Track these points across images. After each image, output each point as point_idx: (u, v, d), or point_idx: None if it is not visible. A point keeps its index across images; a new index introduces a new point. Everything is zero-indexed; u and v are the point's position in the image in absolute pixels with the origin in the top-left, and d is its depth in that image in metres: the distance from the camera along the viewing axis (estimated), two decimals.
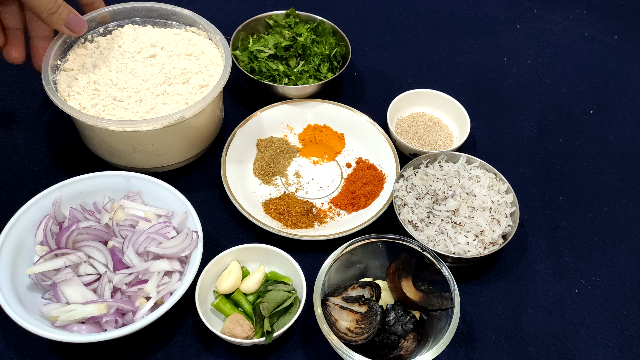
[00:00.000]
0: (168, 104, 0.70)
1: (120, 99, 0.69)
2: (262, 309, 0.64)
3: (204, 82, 0.73)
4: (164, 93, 0.71)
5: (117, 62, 0.73)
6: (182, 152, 0.76)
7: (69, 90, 0.69)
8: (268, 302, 0.64)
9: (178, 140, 0.73)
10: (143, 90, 0.70)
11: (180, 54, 0.76)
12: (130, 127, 0.65)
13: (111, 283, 0.62)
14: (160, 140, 0.71)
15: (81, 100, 0.69)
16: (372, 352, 0.61)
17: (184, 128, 0.71)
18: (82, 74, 0.71)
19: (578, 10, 1.21)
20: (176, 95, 0.71)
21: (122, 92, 0.70)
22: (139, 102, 0.69)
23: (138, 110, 0.69)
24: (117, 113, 0.68)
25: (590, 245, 0.80)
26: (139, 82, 0.71)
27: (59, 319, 0.59)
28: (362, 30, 1.10)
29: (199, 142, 0.78)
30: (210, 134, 0.80)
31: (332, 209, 0.80)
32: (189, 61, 0.75)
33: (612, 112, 1.00)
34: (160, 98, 0.71)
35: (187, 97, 0.71)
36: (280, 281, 0.68)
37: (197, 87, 0.72)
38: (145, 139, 0.69)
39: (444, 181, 0.76)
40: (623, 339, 0.70)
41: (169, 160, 0.76)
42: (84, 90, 0.70)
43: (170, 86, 0.72)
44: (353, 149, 0.89)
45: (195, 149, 0.79)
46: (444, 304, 0.62)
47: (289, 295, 0.66)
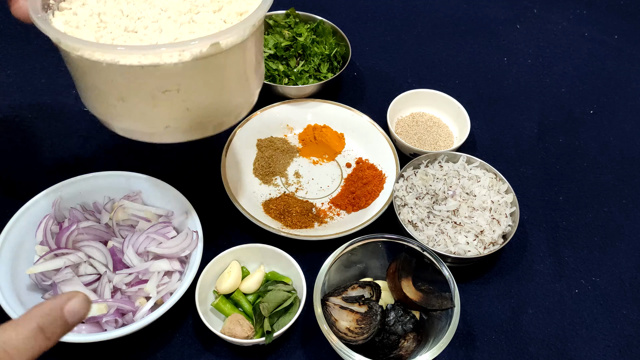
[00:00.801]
0: (197, 33, 0.52)
1: (134, 30, 0.52)
2: (262, 309, 0.64)
3: (241, 9, 0.55)
4: (191, 22, 0.54)
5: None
6: (219, 106, 0.56)
7: (66, 27, 0.52)
8: (268, 302, 0.64)
9: (214, 84, 0.54)
10: (163, 19, 0.53)
11: None
12: (148, 57, 0.47)
13: (111, 283, 0.62)
14: (189, 83, 0.51)
15: (82, 35, 0.52)
16: (372, 352, 0.61)
17: (220, 68, 0.53)
18: (84, 8, 0.55)
19: (578, 10, 1.21)
20: (207, 23, 0.54)
21: (135, 22, 0.53)
22: (159, 32, 0.52)
23: (158, 41, 0.51)
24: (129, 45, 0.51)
25: (590, 245, 0.80)
26: (157, 12, 0.54)
27: None
28: (362, 30, 1.10)
29: (241, 92, 0.58)
30: (256, 82, 0.61)
31: (332, 209, 0.80)
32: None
33: (612, 112, 1.00)
34: (187, 27, 0.53)
35: (221, 27, 0.54)
36: (280, 281, 0.68)
37: (233, 15, 0.55)
38: (169, 80, 0.50)
39: (444, 181, 0.77)
40: (623, 339, 0.70)
41: (200, 118, 0.55)
42: (85, 25, 0.52)
43: (197, 15, 0.54)
44: (353, 149, 0.89)
45: (236, 105, 0.59)
46: (444, 304, 0.62)
47: (289, 295, 0.66)
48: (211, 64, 0.51)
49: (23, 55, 0.94)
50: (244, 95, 0.59)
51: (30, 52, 0.76)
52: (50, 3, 0.54)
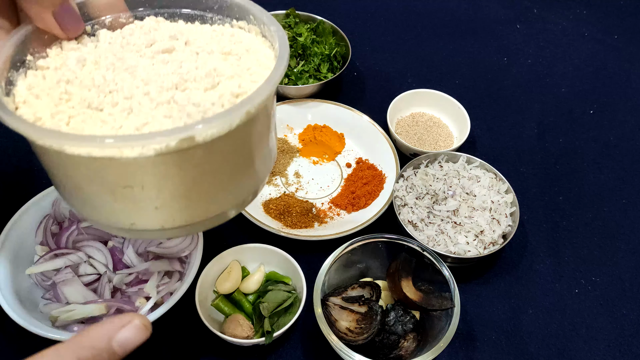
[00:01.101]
0: (173, 118, 0.39)
1: (99, 107, 0.41)
2: (262, 309, 0.64)
3: (239, 90, 0.42)
4: (171, 102, 0.41)
5: (113, 56, 0.45)
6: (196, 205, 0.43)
7: (27, 94, 0.42)
8: (268, 302, 0.64)
9: (187, 182, 0.41)
10: (139, 95, 0.41)
11: (213, 52, 0.47)
12: (98, 150, 0.36)
13: (111, 283, 0.62)
14: (156, 180, 0.39)
15: (39, 107, 0.41)
16: (372, 352, 0.61)
17: (198, 164, 0.40)
18: (56, 72, 0.44)
19: (578, 10, 1.21)
20: (190, 105, 0.40)
21: (105, 97, 0.41)
22: (128, 112, 0.40)
23: (123, 125, 0.39)
24: (87, 128, 0.39)
25: (590, 245, 0.80)
26: (136, 84, 0.42)
27: (59, 319, 0.59)
28: (362, 30, 1.10)
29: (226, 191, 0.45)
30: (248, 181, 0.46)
31: (332, 209, 0.80)
32: (225, 61, 0.46)
33: (612, 112, 1.00)
34: (163, 108, 0.40)
35: (207, 110, 0.40)
36: (280, 281, 0.68)
37: (227, 97, 0.42)
38: (130, 176, 0.39)
39: (444, 181, 0.77)
40: (623, 339, 0.70)
41: (173, 218, 0.43)
42: (48, 94, 0.42)
43: (183, 92, 0.42)
44: (353, 149, 0.89)
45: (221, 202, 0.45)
46: (444, 304, 0.62)
47: (289, 295, 0.66)
48: (184, 160, 0.39)
49: None
50: (234, 192, 0.45)
51: None
52: (27, 60, 0.44)
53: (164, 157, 0.37)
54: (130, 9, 0.50)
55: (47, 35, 0.45)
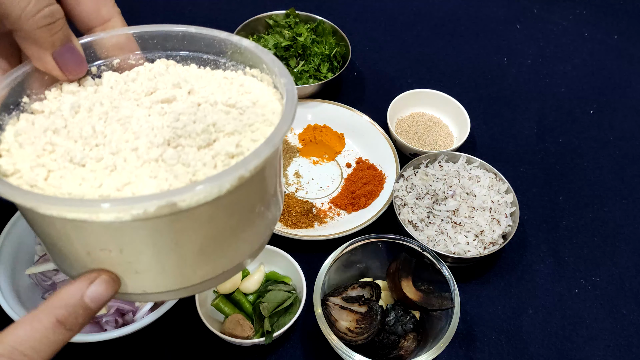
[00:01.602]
0: (159, 179, 0.37)
1: (81, 163, 0.38)
2: (262, 309, 0.64)
3: (236, 150, 0.39)
4: (159, 160, 0.38)
5: (109, 104, 0.42)
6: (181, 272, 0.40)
7: (12, 141, 0.40)
8: (268, 302, 0.64)
9: (168, 247, 0.38)
10: (126, 150, 0.38)
11: (217, 103, 0.43)
12: (69, 212, 0.33)
13: None
14: (134, 246, 0.37)
15: (20, 158, 0.39)
16: (372, 352, 0.61)
17: (180, 231, 0.37)
18: (47, 118, 0.41)
19: (578, 10, 1.21)
20: (179, 165, 0.37)
21: (90, 150, 0.39)
22: (111, 169, 0.37)
23: (103, 184, 0.37)
24: (65, 185, 0.37)
25: (590, 245, 0.80)
26: (126, 138, 0.39)
27: None
28: (362, 30, 1.10)
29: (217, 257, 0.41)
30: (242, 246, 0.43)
31: (332, 209, 0.80)
32: (227, 115, 0.42)
33: (612, 112, 1.00)
34: (150, 167, 0.37)
35: (197, 171, 0.37)
36: (280, 281, 0.68)
37: (221, 157, 0.38)
38: (106, 240, 0.36)
39: (444, 181, 0.77)
40: (623, 339, 0.70)
41: (156, 283, 0.40)
42: (33, 143, 0.39)
43: (175, 149, 0.39)
44: (353, 149, 0.89)
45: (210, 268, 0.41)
46: (444, 304, 0.62)
47: (289, 295, 0.66)
48: (165, 225, 0.36)
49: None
50: (227, 256, 0.42)
51: None
52: (22, 102, 0.41)
53: (143, 222, 0.34)
54: (141, 50, 0.46)
55: (48, 76, 0.42)
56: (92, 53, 0.44)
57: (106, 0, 0.42)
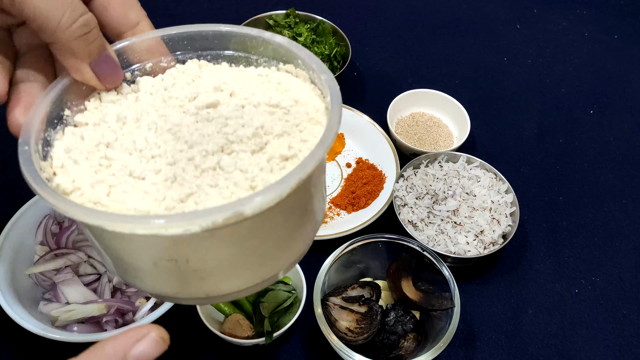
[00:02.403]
0: (220, 188, 0.38)
1: (141, 176, 0.39)
2: (262, 309, 0.64)
3: (289, 152, 0.40)
4: (217, 168, 0.39)
5: (155, 113, 0.42)
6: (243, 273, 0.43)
7: (65, 157, 0.40)
8: (268, 302, 0.64)
9: (233, 253, 0.40)
10: (182, 161, 0.39)
11: (260, 104, 0.44)
12: (141, 229, 0.34)
13: (111, 283, 0.63)
14: (200, 254, 0.39)
15: (77, 175, 0.39)
16: (372, 352, 0.61)
17: (246, 235, 0.39)
18: (95, 131, 0.41)
19: (578, 10, 1.21)
20: (237, 172, 0.38)
21: (147, 163, 0.39)
22: (172, 181, 0.38)
23: (166, 197, 0.37)
24: (128, 199, 0.38)
25: (590, 245, 0.80)
26: (180, 148, 0.40)
27: (59, 319, 0.59)
28: (362, 30, 1.10)
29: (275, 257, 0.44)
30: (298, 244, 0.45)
31: (332, 209, 0.80)
32: (272, 115, 0.43)
33: (612, 112, 1.00)
34: (209, 176, 0.38)
35: (255, 177, 0.38)
36: (280, 281, 0.68)
37: (276, 160, 0.39)
38: (174, 251, 0.38)
39: (444, 181, 0.77)
40: (623, 339, 0.70)
41: (219, 287, 0.42)
42: (87, 158, 0.40)
43: (230, 155, 0.39)
44: (353, 149, 0.89)
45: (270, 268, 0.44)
46: (444, 304, 0.62)
47: (289, 295, 0.66)
48: (231, 233, 0.37)
49: None
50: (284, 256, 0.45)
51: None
52: (64, 115, 0.41)
53: (210, 232, 0.35)
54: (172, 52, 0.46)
55: (85, 87, 0.42)
56: (125, 59, 0.44)
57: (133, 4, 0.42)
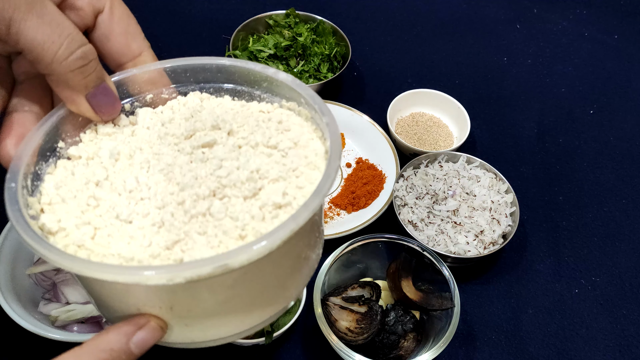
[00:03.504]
0: (208, 236, 0.36)
1: (128, 219, 0.38)
2: None
3: (283, 200, 0.38)
4: (207, 214, 0.37)
5: (149, 150, 0.41)
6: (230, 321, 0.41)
7: (54, 194, 0.38)
8: None
9: (219, 302, 0.39)
10: (172, 204, 0.38)
11: (258, 145, 0.42)
12: (124, 277, 0.33)
13: None
14: (185, 303, 0.38)
15: (64, 215, 0.37)
16: (372, 352, 0.61)
17: (231, 284, 0.37)
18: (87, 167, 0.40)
19: (578, 10, 1.21)
20: (227, 219, 0.37)
21: (136, 205, 0.38)
22: (159, 226, 0.37)
23: (152, 242, 0.36)
24: (113, 244, 0.36)
25: (590, 245, 0.80)
26: (171, 190, 0.39)
27: (58, 319, 0.59)
28: (362, 30, 1.10)
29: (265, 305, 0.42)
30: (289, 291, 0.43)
31: (332, 209, 0.80)
32: (269, 158, 0.42)
33: (612, 112, 1.00)
34: (198, 222, 0.37)
35: (246, 225, 0.37)
36: None
37: (269, 208, 0.38)
38: (157, 299, 0.37)
39: (444, 181, 0.77)
40: (623, 339, 0.70)
41: (204, 334, 0.41)
42: (75, 196, 0.38)
43: (222, 200, 0.38)
44: (353, 149, 0.89)
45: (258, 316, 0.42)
46: (444, 304, 0.62)
47: None
48: (218, 284, 0.37)
49: None
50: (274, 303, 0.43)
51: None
52: (58, 147, 0.40)
53: (195, 283, 0.34)
54: (174, 83, 0.45)
55: (81, 118, 0.41)
56: (124, 90, 0.42)
57: (135, 34, 0.41)
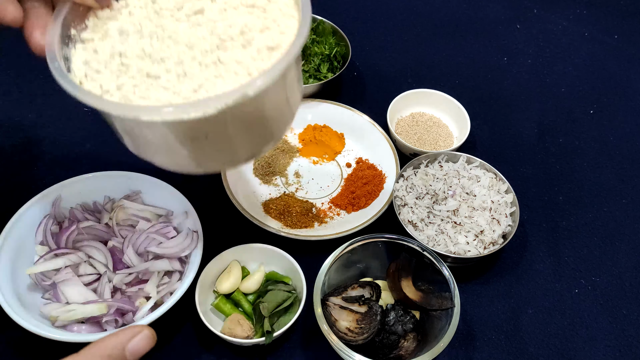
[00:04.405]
0: (224, 77, 0.48)
1: (157, 75, 0.48)
2: (262, 308, 0.64)
3: (272, 43, 0.50)
4: (217, 62, 0.49)
5: (151, 24, 0.51)
6: (252, 143, 0.53)
7: (86, 69, 0.49)
8: (268, 302, 0.64)
9: (245, 127, 0.51)
10: (187, 60, 0.49)
11: (238, 6, 0.53)
12: (171, 115, 0.44)
13: (111, 283, 0.62)
14: (217, 131, 0.49)
15: (103, 81, 0.48)
16: (372, 352, 0.61)
17: (253, 112, 0.50)
18: (104, 44, 0.50)
19: (578, 10, 1.21)
20: (234, 63, 0.48)
21: (159, 65, 0.49)
22: (183, 76, 0.48)
23: (181, 90, 0.47)
24: (152, 95, 0.47)
25: (590, 245, 0.80)
26: (182, 50, 0.49)
27: (59, 319, 0.59)
28: (362, 30, 1.10)
29: (277, 127, 0.55)
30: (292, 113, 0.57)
31: (332, 208, 0.80)
32: (251, 15, 0.52)
33: (612, 112, 1.00)
34: (212, 69, 0.48)
35: (250, 66, 0.49)
36: (280, 281, 0.68)
37: (263, 51, 0.49)
38: (196, 130, 0.48)
39: (444, 181, 0.77)
40: (623, 339, 0.70)
41: (233, 156, 0.54)
42: (106, 67, 0.49)
43: (225, 52, 0.49)
44: (353, 149, 0.89)
45: (273, 136, 0.56)
46: (444, 304, 0.62)
47: (289, 295, 0.66)
48: (240, 110, 0.47)
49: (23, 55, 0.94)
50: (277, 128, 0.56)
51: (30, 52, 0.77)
52: (71, 34, 0.50)
53: (224, 112, 0.45)
54: None
55: (82, 8, 0.50)
56: None
57: None
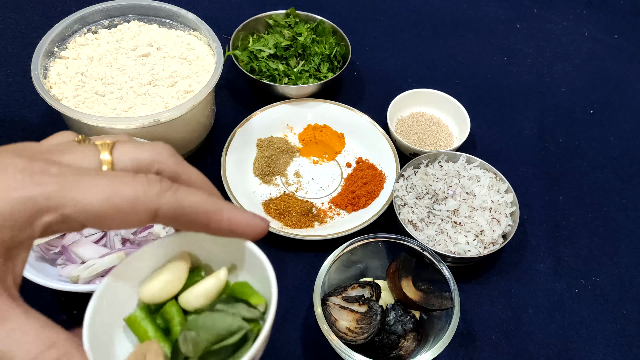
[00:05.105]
0: (147, 105, 0.70)
1: (102, 94, 0.69)
2: (186, 343, 0.34)
3: (189, 88, 0.72)
4: (146, 94, 0.71)
5: (111, 56, 0.74)
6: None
7: (57, 78, 0.70)
8: (199, 333, 0.34)
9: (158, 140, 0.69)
10: (126, 87, 0.70)
11: (175, 57, 0.76)
12: (102, 123, 0.64)
13: (119, 235, 0.63)
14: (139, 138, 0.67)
15: (65, 90, 0.69)
16: (372, 352, 0.61)
17: (160, 132, 0.69)
18: (75, 63, 0.72)
19: (578, 10, 1.21)
20: (158, 97, 0.70)
21: (106, 87, 0.70)
22: (120, 99, 0.69)
23: (116, 107, 0.68)
24: (95, 107, 0.68)
25: (590, 245, 0.80)
26: (125, 79, 0.71)
27: (80, 277, 0.59)
28: (362, 30, 1.10)
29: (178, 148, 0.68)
30: (192, 141, 0.79)
31: (332, 208, 0.80)
32: (181, 65, 0.75)
33: (612, 112, 1.00)
34: (141, 98, 0.70)
35: (168, 101, 0.71)
36: (242, 300, 0.37)
37: (181, 92, 0.72)
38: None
39: (444, 181, 0.76)
40: (623, 339, 0.70)
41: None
42: (70, 80, 0.70)
43: (154, 87, 0.71)
44: (353, 148, 0.89)
45: (182, 149, 0.78)
46: (444, 304, 0.62)
47: (239, 326, 0.35)
48: (153, 131, 0.68)
49: (23, 55, 0.94)
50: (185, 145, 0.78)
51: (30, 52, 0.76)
52: (54, 51, 0.73)
53: (141, 130, 0.66)
54: (120, 15, 0.80)
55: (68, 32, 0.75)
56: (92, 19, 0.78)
57: None
